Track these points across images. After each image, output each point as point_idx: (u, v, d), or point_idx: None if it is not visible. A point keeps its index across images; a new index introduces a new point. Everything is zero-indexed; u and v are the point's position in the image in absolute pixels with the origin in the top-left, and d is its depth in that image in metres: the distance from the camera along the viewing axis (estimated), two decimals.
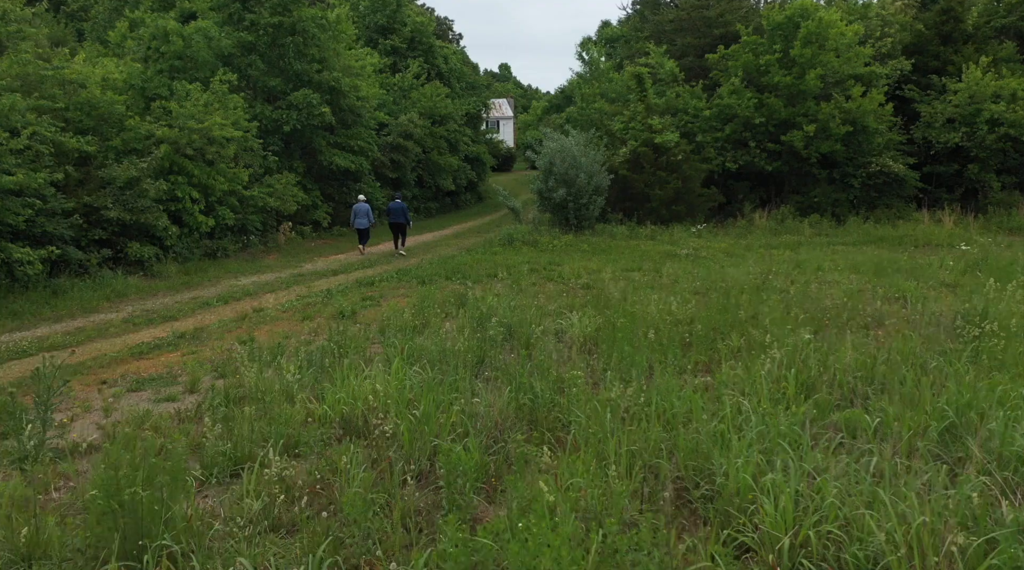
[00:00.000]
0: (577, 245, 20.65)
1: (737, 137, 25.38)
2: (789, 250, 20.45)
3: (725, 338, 9.24)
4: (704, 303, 12.32)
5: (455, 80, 41.07)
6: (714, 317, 10.04)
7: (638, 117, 24.29)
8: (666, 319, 9.28)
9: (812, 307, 11.49)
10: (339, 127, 25.08)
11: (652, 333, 8.23)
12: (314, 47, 23.57)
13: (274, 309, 13.47)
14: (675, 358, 8.33)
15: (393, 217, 21.45)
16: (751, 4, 30.30)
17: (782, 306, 11.15)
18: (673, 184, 23.23)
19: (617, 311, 10.03)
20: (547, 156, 22.78)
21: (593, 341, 9.57)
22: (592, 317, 10.18)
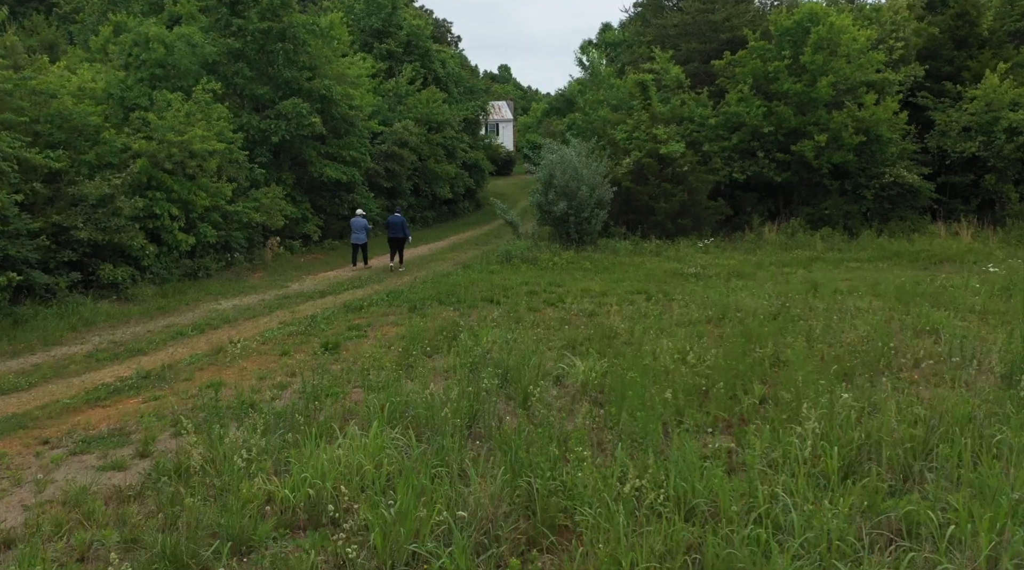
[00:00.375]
0: (579, 263, 19.65)
1: (745, 146, 24.39)
2: (802, 268, 19.47)
3: (747, 388, 8.25)
4: (719, 336, 11.36)
5: (453, 85, 40.10)
6: (732, 359, 9.06)
7: (642, 126, 23.30)
8: (680, 369, 8.27)
9: (836, 342, 10.55)
10: (330, 137, 24.08)
11: (668, 394, 7.21)
12: (304, 54, 22.58)
13: (252, 340, 12.46)
14: (692, 416, 7.36)
15: (392, 232, 20.59)
16: (758, 8, 29.32)
17: (804, 343, 10.17)
18: (679, 197, 22.24)
19: (625, 357, 9.02)
20: (546, 167, 21.80)
21: (599, 388, 8.60)
22: (597, 360, 9.18)
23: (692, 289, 16.37)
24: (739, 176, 23.87)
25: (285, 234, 22.17)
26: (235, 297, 16.55)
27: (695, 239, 22.56)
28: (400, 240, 20.62)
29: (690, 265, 19.44)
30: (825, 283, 16.92)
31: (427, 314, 13.88)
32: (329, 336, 12.34)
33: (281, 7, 21.56)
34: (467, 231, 33.49)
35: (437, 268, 21.80)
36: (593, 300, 15.04)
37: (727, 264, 19.57)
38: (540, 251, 20.57)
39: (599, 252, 21.08)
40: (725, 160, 24.13)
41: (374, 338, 12.18)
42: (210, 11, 21.61)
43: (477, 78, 47.43)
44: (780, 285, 16.97)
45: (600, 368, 8.92)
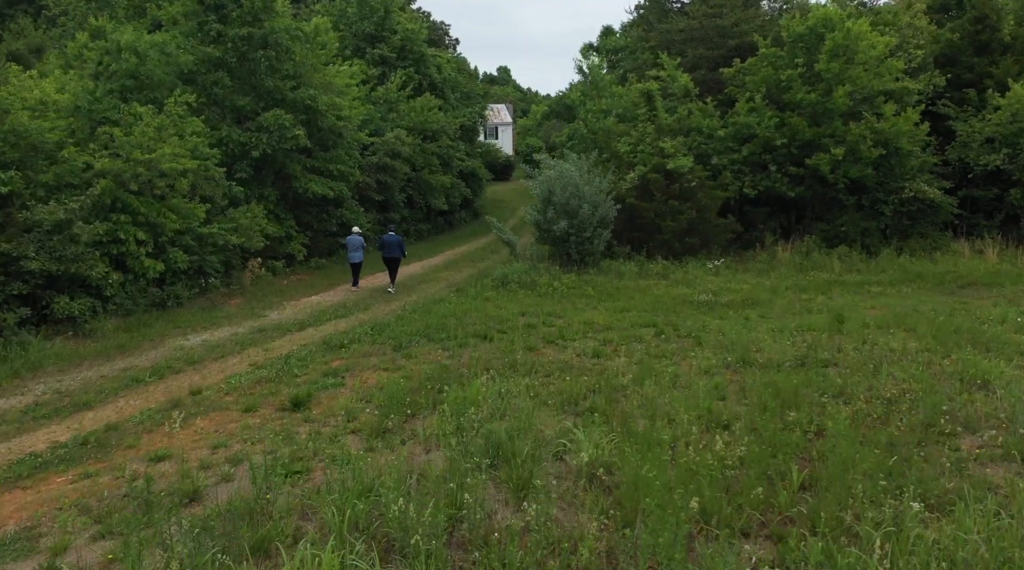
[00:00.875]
0: (580, 288, 18.29)
1: (756, 159, 23.04)
2: (821, 293, 18.11)
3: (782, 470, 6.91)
4: (740, 389, 10.04)
5: (449, 90, 38.76)
6: (763, 428, 7.73)
7: (647, 139, 21.94)
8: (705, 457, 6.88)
9: (875, 398, 9.24)
10: (317, 150, 22.73)
11: (695, 502, 5.83)
12: (288, 62, 21.23)
13: (216, 388, 11.12)
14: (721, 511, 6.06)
15: (387, 251, 19.60)
16: (768, 13, 27.94)
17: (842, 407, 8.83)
18: (686, 214, 20.88)
19: (635, 435, 7.64)
20: (545, 183, 20.43)
21: (607, 467, 7.25)
22: (603, 432, 7.83)
23: (704, 321, 15.01)
24: (750, 191, 22.52)
25: (267, 254, 20.80)
26: (206, 330, 15.17)
27: (704, 259, 21.20)
28: (395, 260, 19.70)
29: (700, 290, 18.08)
30: (849, 314, 15.57)
31: (413, 354, 12.52)
32: (301, 386, 10.98)
33: (263, 11, 20.21)
34: (463, 244, 32.13)
35: (429, 291, 20.45)
36: (597, 336, 13.69)
37: (740, 289, 18.21)
38: (539, 274, 19.20)
39: (602, 275, 19.71)
40: (735, 174, 22.76)
41: (351, 388, 10.82)
42: (191, 16, 20.20)
43: (475, 83, 46.07)
44: (800, 316, 15.62)
45: (607, 444, 7.58)
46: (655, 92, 22.27)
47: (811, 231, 23.72)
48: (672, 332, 14.03)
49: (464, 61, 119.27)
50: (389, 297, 19.29)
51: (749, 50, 25.66)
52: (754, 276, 20.16)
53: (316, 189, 21.50)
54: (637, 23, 57.86)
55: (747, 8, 27.30)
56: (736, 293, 17.84)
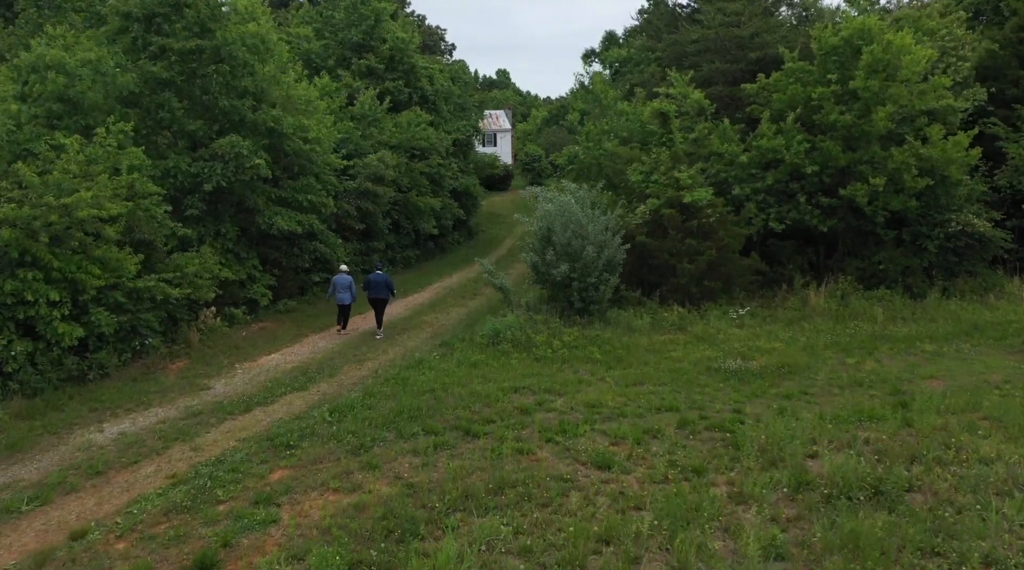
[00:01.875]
0: (584, 348, 15.56)
1: (782, 188, 20.33)
2: (867, 354, 15.40)
3: None
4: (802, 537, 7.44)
5: (442, 102, 36.05)
6: None
7: (661, 167, 19.23)
8: None
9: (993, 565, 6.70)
10: (283, 177, 20.05)
11: None
12: (247, 77, 18.53)
13: (108, 527, 8.43)
14: None
15: (373, 291, 18.03)
16: (791, 22, 25.21)
17: None
18: (706, 255, 18.17)
19: None
20: (544, 219, 17.74)
21: None
22: None
23: (736, 401, 12.32)
24: (776, 225, 19.80)
25: (224, 301, 18.10)
26: (129, 414, 12.45)
27: (726, 305, 18.49)
28: (382, 301, 18.17)
29: (726, 351, 15.36)
30: (910, 390, 12.91)
31: (375, 462, 9.83)
32: (220, 523, 8.30)
33: (212, 19, 17.52)
34: (455, 272, 29.42)
35: (410, 343, 17.75)
36: (605, 427, 11.04)
37: (772, 349, 15.48)
38: (536, 329, 16.47)
39: (610, 328, 16.99)
40: (759, 205, 20.06)
41: (285, 529, 8.13)
42: (123, 32, 17.51)
43: (471, 93, 43.31)
44: (850, 392, 12.92)
45: None
46: (671, 113, 19.55)
47: (844, 268, 21.01)
48: (698, 420, 11.37)
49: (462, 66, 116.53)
50: (367, 351, 16.65)
51: (771, 63, 22.96)
52: (784, 327, 17.44)
53: (282, 224, 18.79)
54: (642, 29, 55.26)
55: (767, 16, 24.57)
56: (768, 355, 15.13)
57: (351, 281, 18.30)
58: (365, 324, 19.48)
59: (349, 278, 18.29)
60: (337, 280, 18.17)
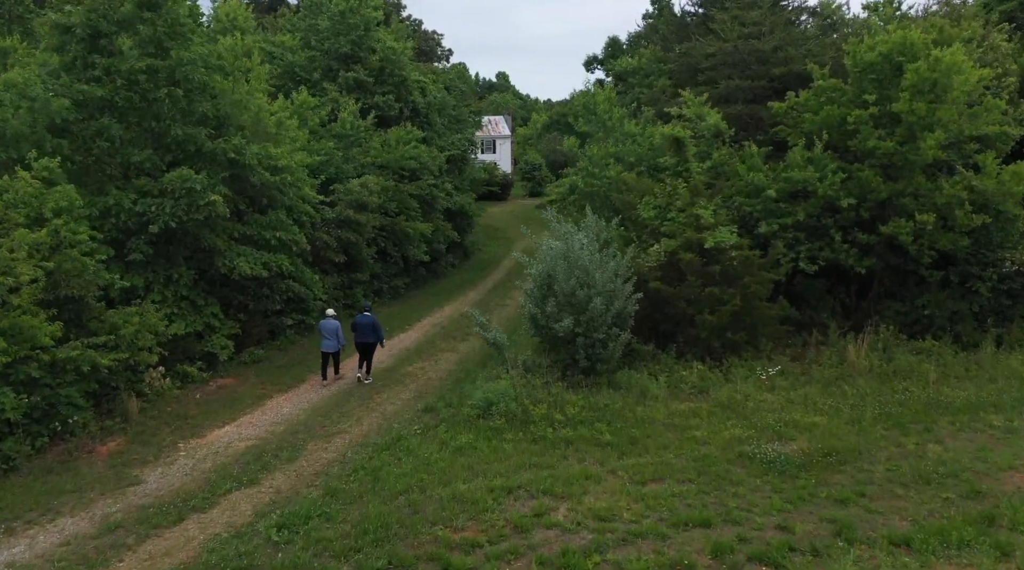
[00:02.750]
0: (591, 424, 13.17)
1: (813, 224, 17.97)
2: (924, 430, 13.05)
3: None
4: None
5: (435, 115, 33.70)
6: None
7: (678, 202, 16.88)
8: None
9: None
10: (249, 211, 17.72)
11: None
12: (206, 101, 16.20)
13: None
14: None
15: (360, 335, 16.72)
16: (815, 33, 22.81)
17: None
18: (729, 304, 15.82)
19: None
20: (544, 262, 15.37)
21: None
22: None
23: (781, 514, 9.97)
24: (807, 266, 17.44)
25: (177, 356, 15.77)
26: (28, 529, 10.06)
27: (752, 362, 16.12)
28: (370, 345, 16.87)
29: (757, 426, 13.02)
30: (990, 489, 10.60)
31: None
32: None
33: (168, 36, 15.19)
34: (447, 302, 27.04)
35: (389, 407, 15.39)
36: (620, 556, 8.74)
37: (812, 425, 13.11)
38: (534, 395, 14.08)
39: (620, 393, 14.59)
40: (788, 243, 17.70)
41: None
42: (62, 49, 15.16)
43: (466, 104, 40.84)
44: (916, 493, 10.57)
45: None
46: (686, 139, 17.19)
47: (880, 310, 18.67)
48: (737, 545, 9.11)
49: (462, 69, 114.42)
50: (339, 420, 14.33)
51: (797, 80, 20.62)
52: (822, 390, 15.04)
53: (245, 267, 16.42)
54: (647, 35, 52.91)
55: (790, 28, 22.20)
56: (809, 433, 12.77)
57: (338, 327, 16.71)
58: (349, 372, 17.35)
59: (336, 324, 16.68)
60: (323, 325, 16.69)
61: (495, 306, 26.63)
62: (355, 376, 17.15)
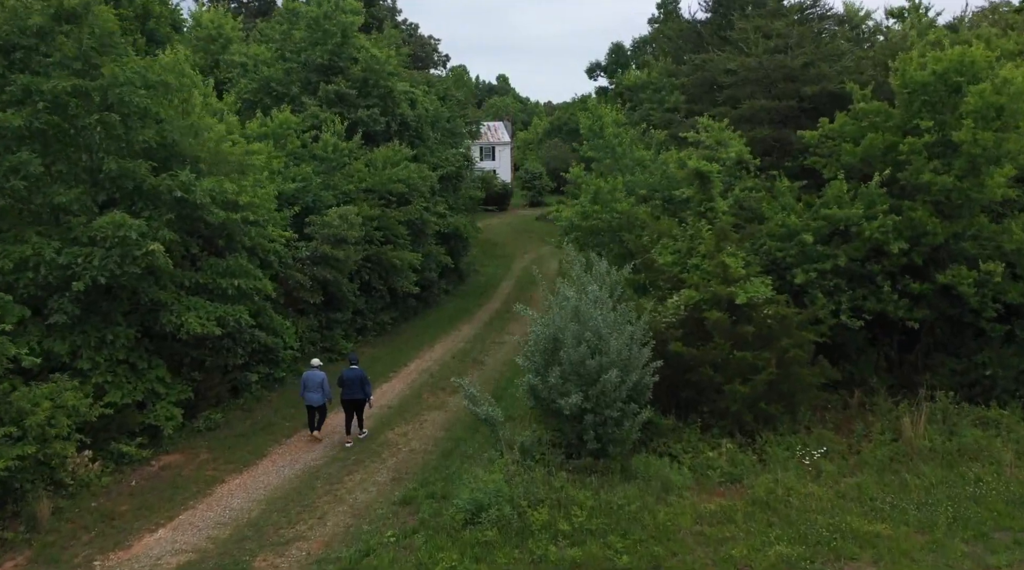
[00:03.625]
0: (603, 537, 10.69)
1: (858, 270, 15.56)
2: (1014, 543, 10.62)
3: None
4: None
5: (428, 128, 31.26)
6: None
7: (701, 247, 14.44)
8: None
9: None
10: (203, 254, 15.30)
11: None
12: (150, 127, 13.78)
13: None
14: None
15: (347, 391, 15.32)
16: (849, 47, 20.33)
17: None
18: (764, 372, 13.39)
19: None
20: (548, 326, 12.92)
21: None
22: None
23: None
24: (852, 322, 15.01)
25: (112, 433, 13.34)
26: None
27: (790, 438, 13.68)
28: (358, 402, 15.51)
29: (808, 538, 10.58)
30: None
31: None
32: None
33: (97, 52, 12.78)
34: (438, 340, 24.57)
35: (361, 496, 12.94)
36: None
37: (875, 537, 10.67)
38: (533, 494, 11.60)
39: (636, 485, 12.12)
40: (827, 290, 15.27)
41: None
42: None
43: (462, 113, 38.38)
44: None
45: None
46: (713, 174, 14.75)
47: (931, 366, 16.27)
48: None
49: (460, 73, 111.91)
50: (301, 515, 11.88)
51: (831, 101, 18.21)
52: (877, 478, 12.57)
53: (194, 325, 13.95)
54: (652, 39, 50.54)
55: (820, 43, 19.72)
56: (872, 549, 10.34)
57: (323, 378, 15.37)
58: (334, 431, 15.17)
59: (321, 375, 15.39)
60: (307, 377, 15.41)
61: (491, 344, 24.19)
62: (340, 440, 15.52)
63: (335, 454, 14.85)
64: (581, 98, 77.86)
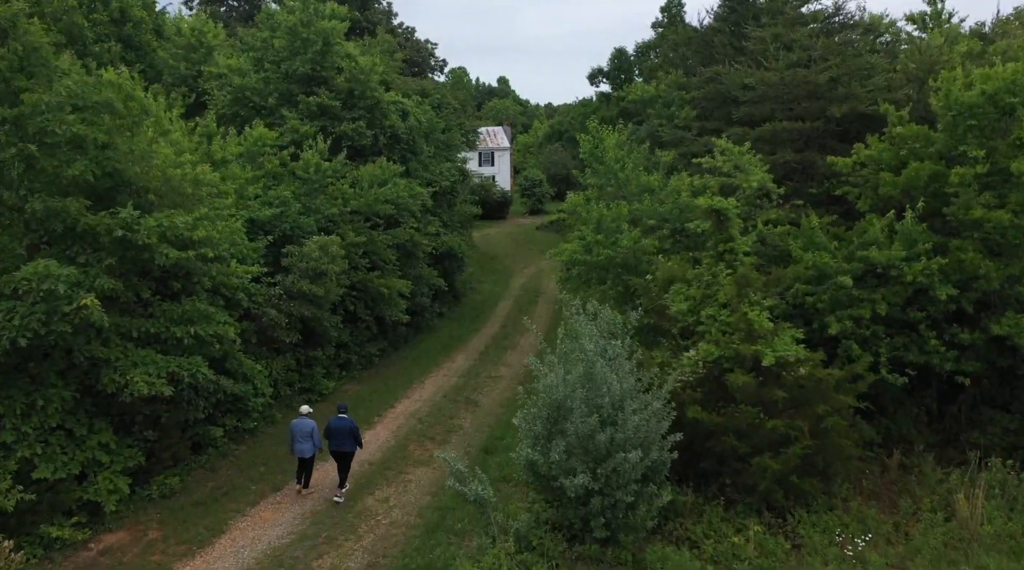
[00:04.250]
0: None
1: (899, 316, 13.76)
2: None
3: None
4: None
5: (420, 140, 29.41)
6: None
7: (719, 294, 12.61)
8: None
9: None
10: (155, 299, 13.47)
11: None
12: (85, 157, 11.94)
13: None
14: None
15: (335, 442, 14.16)
16: (883, 62, 18.47)
17: None
18: (797, 445, 11.56)
19: None
20: (554, 389, 11.07)
21: None
22: None
23: None
24: (895, 379, 13.19)
25: (42, 514, 11.52)
26: None
27: (826, 518, 11.86)
28: (347, 454, 14.34)
29: None
30: None
31: None
32: None
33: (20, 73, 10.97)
34: (429, 375, 22.69)
35: None
36: None
37: None
38: None
39: None
40: (863, 341, 13.46)
41: None
42: None
43: (458, 124, 36.49)
44: None
45: None
46: (731, 213, 12.91)
47: (980, 422, 14.48)
48: None
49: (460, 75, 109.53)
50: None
51: (862, 122, 16.46)
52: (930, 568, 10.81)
53: (141, 384, 12.11)
54: (656, 44, 48.70)
55: (846, 55, 17.88)
56: None
57: (313, 427, 14.12)
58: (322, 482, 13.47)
59: (311, 423, 14.13)
60: (295, 426, 14.15)
61: (486, 379, 22.36)
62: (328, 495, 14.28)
63: (305, 528, 13.03)
64: (582, 102, 76.13)
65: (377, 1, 52.87)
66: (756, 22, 22.22)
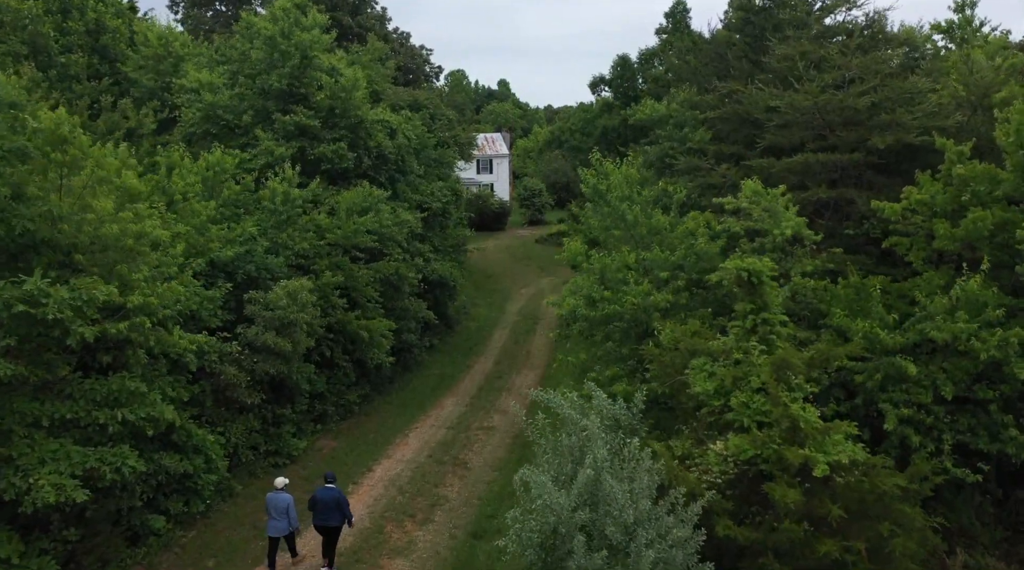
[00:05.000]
0: None
1: (964, 394, 11.55)
2: None
3: None
4: None
5: (410, 159, 27.25)
6: None
7: (752, 379, 10.38)
8: None
9: None
10: (75, 377, 11.27)
11: None
12: None
13: None
14: None
15: (320, 515, 12.82)
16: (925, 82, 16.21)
17: None
18: (855, 568, 9.36)
19: None
20: (546, 513, 8.87)
21: None
22: None
23: None
24: (964, 474, 11.00)
25: None
26: None
27: None
28: (334, 530, 12.94)
29: None
30: None
31: None
32: None
33: None
34: (414, 425, 20.50)
35: None
36: None
37: None
38: None
39: None
40: (926, 431, 11.26)
41: None
42: None
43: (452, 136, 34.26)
44: None
45: None
46: (764, 275, 10.68)
47: None
48: None
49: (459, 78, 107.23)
50: None
51: (906, 154, 14.24)
52: None
53: (48, 492, 9.87)
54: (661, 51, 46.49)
55: (886, 73, 15.67)
56: None
57: (290, 502, 12.86)
58: None
59: (287, 498, 12.86)
60: (271, 501, 12.87)
61: (477, 431, 20.15)
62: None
63: None
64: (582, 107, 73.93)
65: (370, 5, 50.62)
66: (776, 33, 20.04)
